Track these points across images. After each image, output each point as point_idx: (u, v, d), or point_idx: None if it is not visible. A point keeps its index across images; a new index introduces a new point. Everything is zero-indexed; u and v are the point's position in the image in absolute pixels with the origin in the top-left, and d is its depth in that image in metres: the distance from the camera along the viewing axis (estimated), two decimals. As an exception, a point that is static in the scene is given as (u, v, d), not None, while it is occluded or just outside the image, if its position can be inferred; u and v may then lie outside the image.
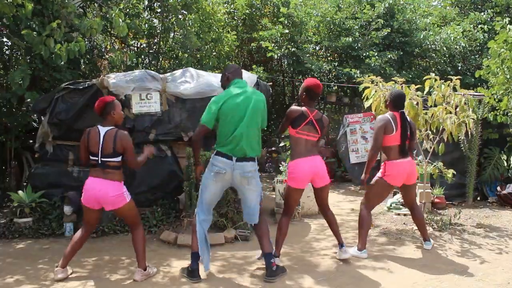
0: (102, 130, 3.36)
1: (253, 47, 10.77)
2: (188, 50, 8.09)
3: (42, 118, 5.34)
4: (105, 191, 3.31)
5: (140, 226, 3.53)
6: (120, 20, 4.39)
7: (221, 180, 3.36)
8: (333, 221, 3.84)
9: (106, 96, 3.57)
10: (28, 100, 5.72)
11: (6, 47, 6.36)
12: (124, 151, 3.35)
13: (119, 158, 3.37)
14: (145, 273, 3.48)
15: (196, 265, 3.40)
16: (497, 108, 5.98)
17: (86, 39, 4.85)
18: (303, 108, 3.66)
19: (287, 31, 9.99)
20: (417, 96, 4.75)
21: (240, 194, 3.55)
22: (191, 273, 3.41)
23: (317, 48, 11.21)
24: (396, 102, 3.98)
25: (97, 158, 3.34)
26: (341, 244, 3.84)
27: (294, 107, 3.70)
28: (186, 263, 3.57)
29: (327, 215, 3.85)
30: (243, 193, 3.46)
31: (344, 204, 6.65)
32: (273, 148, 11.90)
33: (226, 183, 3.42)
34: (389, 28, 9.45)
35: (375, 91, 4.80)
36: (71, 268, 3.58)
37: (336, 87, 10.42)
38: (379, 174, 4.00)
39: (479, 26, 9.91)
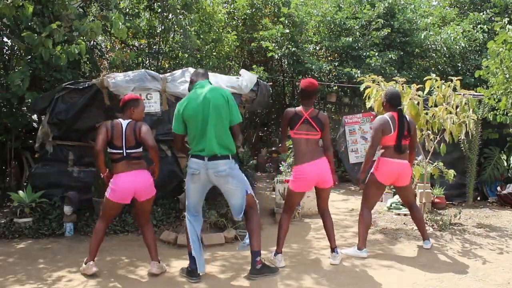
0: (124, 123, 3.48)
1: (253, 47, 10.76)
2: (188, 50, 8.09)
3: (42, 118, 5.34)
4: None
5: (150, 221, 3.71)
6: (120, 23, 4.38)
7: (198, 180, 3.39)
8: (330, 225, 3.83)
9: (136, 95, 3.73)
10: (29, 100, 5.72)
11: (6, 47, 6.36)
12: (141, 136, 3.42)
13: (141, 149, 3.51)
14: (160, 266, 3.56)
15: (195, 265, 3.41)
16: (496, 108, 5.98)
17: (86, 40, 4.84)
18: (297, 108, 3.69)
19: (287, 31, 9.99)
20: (418, 96, 4.75)
21: (222, 192, 3.53)
22: (190, 273, 3.43)
23: (318, 48, 11.20)
24: (392, 101, 4.00)
25: (121, 151, 3.43)
26: (333, 249, 3.83)
27: (288, 109, 3.74)
28: (186, 263, 3.57)
29: (325, 217, 3.85)
30: (223, 192, 3.47)
31: (343, 204, 6.65)
32: (273, 148, 11.87)
33: (205, 183, 3.43)
34: (390, 28, 9.44)
35: (376, 91, 4.79)
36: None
37: (336, 87, 10.41)
38: (371, 170, 4.04)
39: (479, 26, 9.91)
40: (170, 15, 8.24)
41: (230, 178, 3.35)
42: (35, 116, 6.34)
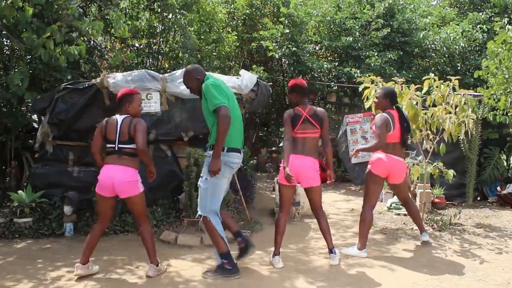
0: (120, 118, 3.47)
1: (253, 47, 10.77)
2: (189, 51, 8.09)
3: (42, 118, 5.34)
4: (120, 176, 3.36)
5: (148, 221, 3.59)
6: (121, 21, 4.38)
7: (231, 174, 3.44)
8: (325, 225, 3.76)
9: (130, 89, 3.67)
10: (29, 100, 5.73)
11: (6, 48, 6.36)
12: (135, 133, 3.36)
13: (135, 145, 3.43)
14: (158, 269, 3.52)
15: (234, 262, 3.41)
16: (496, 108, 5.99)
17: (86, 40, 4.85)
18: (295, 108, 3.70)
19: (287, 31, 10.00)
20: (417, 96, 4.75)
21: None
22: (230, 270, 3.38)
23: (317, 48, 11.22)
24: (391, 97, 4.01)
25: (114, 145, 3.42)
26: (330, 249, 3.80)
27: (287, 111, 3.75)
28: (187, 263, 3.56)
29: (319, 218, 3.78)
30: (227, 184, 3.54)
31: (343, 204, 6.65)
32: (273, 148, 11.87)
33: None
34: (389, 28, 9.46)
35: (375, 91, 4.79)
36: (92, 265, 3.57)
37: (336, 87, 10.43)
38: (369, 166, 4.04)
39: (478, 26, 9.91)
40: (170, 15, 8.24)
41: None
42: (35, 116, 6.35)
